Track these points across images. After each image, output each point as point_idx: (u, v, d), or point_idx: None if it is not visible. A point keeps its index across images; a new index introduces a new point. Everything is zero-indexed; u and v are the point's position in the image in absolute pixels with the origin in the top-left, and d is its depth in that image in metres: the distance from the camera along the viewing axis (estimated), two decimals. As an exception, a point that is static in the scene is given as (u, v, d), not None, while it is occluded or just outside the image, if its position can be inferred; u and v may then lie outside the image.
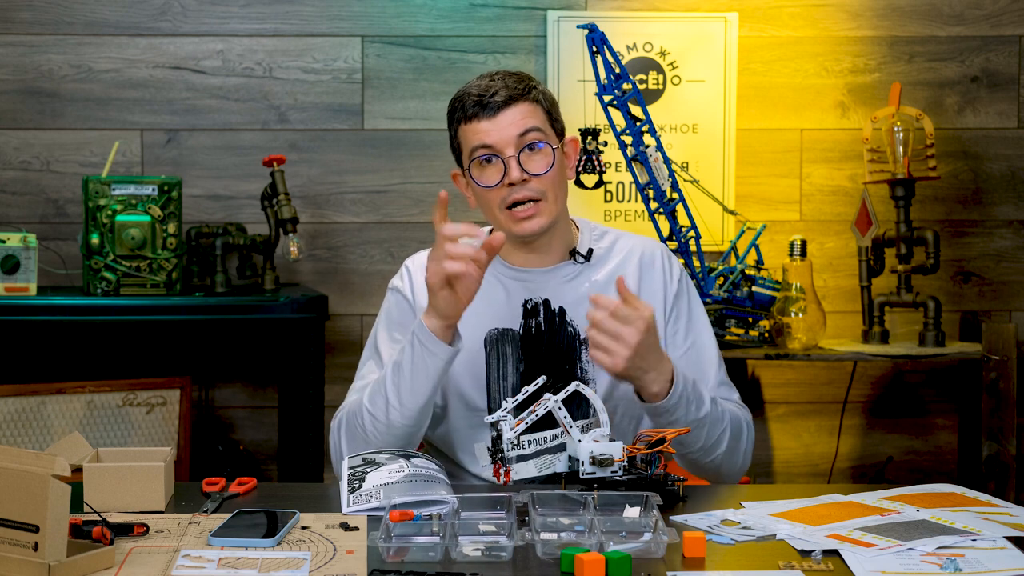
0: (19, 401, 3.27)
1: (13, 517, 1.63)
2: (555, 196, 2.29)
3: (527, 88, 2.29)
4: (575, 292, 2.35)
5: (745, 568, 1.73)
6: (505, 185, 2.26)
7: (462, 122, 2.29)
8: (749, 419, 2.39)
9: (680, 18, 3.69)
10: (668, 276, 2.39)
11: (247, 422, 3.73)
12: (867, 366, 3.77)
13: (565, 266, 2.37)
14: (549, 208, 2.28)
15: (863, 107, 3.74)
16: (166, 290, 3.32)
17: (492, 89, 2.27)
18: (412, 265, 2.42)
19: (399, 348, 2.24)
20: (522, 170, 2.25)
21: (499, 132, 2.25)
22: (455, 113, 2.31)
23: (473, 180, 2.29)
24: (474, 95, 2.27)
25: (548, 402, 2.04)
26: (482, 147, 2.26)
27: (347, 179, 3.70)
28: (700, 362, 2.38)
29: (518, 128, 2.26)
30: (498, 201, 2.28)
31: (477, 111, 2.26)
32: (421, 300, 2.34)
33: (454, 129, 2.32)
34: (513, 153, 2.25)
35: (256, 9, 3.67)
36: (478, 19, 3.70)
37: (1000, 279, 3.81)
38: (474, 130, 2.27)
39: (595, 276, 2.37)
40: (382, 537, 1.74)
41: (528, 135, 2.26)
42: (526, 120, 2.26)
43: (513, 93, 2.27)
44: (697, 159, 3.70)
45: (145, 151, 3.66)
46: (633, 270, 2.38)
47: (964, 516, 1.93)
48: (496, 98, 2.26)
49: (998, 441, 3.48)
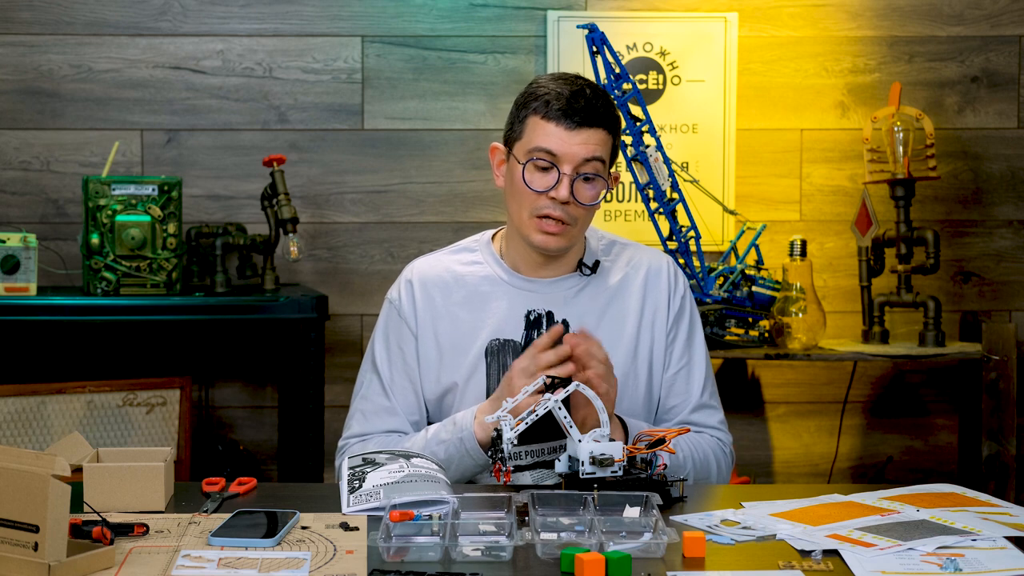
0: (19, 401, 3.27)
1: (13, 517, 1.63)
2: (582, 225, 2.30)
3: (610, 115, 2.28)
4: (579, 306, 2.35)
5: (745, 568, 1.73)
6: (547, 196, 2.25)
7: (538, 115, 2.26)
8: (724, 446, 2.40)
9: (680, 18, 3.69)
10: (672, 293, 2.40)
11: (247, 422, 3.73)
12: (867, 366, 3.76)
13: (571, 278, 2.37)
14: (573, 234, 2.30)
15: (863, 107, 3.74)
16: (166, 290, 3.32)
17: (581, 100, 2.24)
18: (412, 277, 2.40)
19: (441, 441, 2.23)
20: (570, 193, 2.25)
21: (569, 147, 2.24)
22: (535, 101, 2.27)
23: (523, 176, 2.27)
24: (564, 97, 2.25)
25: (548, 402, 2.04)
26: (547, 152, 2.25)
27: (347, 179, 3.70)
28: (689, 382, 2.39)
29: (587, 152, 2.25)
30: (532, 206, 2.27)
31: (558, 116, 2.24)
32: (422, 316, 2.35)
33: (524, 114, 2.28)
34: (570, 172, 2.24)
35: (256, 9, 3.67)
36: (478, 19, 3.70)
37: (1000, 279, 3.81)
38: (545, 131, 2.25)
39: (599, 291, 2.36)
40: (382, 537, 1.74)
41: (591, 163, 2.25)
42: (597, 147, 2.26)
43: (597, 115, 2.25)
44: (697, 159, 3.70)
45: (145, 151, 3.66)
46: (639, 284, 2.39)
47: (964, 516, 1.93)
48: (582, 113, 2.24)
49: (998, 441, 3.48)
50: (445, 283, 2.37)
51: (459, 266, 2.39)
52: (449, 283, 2.37)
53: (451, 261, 2.41)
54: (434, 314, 2.35)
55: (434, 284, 2.37)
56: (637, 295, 2.37)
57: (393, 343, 2.38)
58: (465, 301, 2.36)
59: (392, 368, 2.36)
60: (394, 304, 2.39)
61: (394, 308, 2.39)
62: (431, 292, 2.37)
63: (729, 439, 2.41)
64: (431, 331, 2.35)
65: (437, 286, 2.37)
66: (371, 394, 2.37)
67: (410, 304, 2.37)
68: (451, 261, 2.41)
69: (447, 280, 2.38)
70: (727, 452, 2.39)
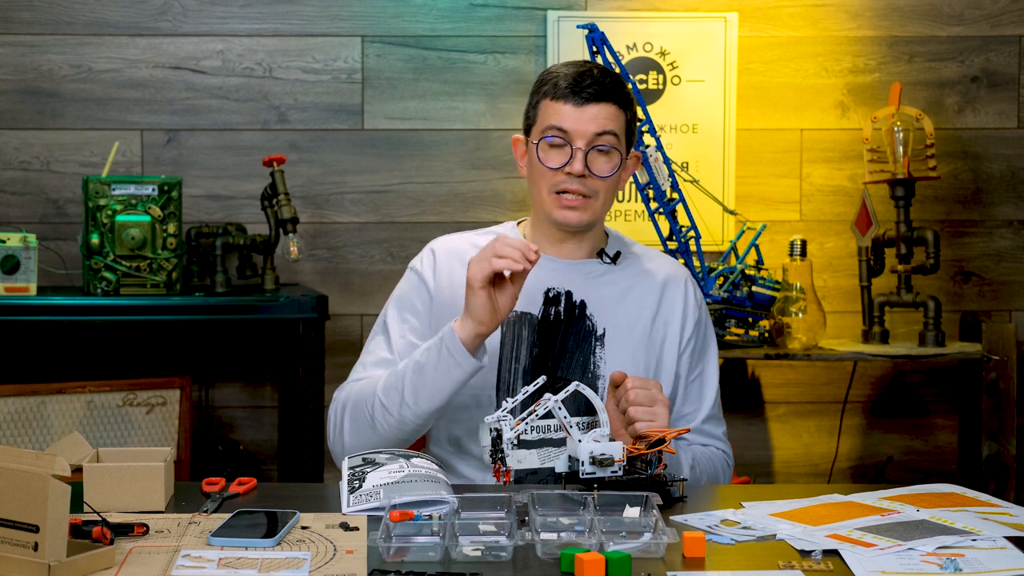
0: (19, 401, 3.27)
1: (13, 517, 1.63)
2: (603, 199, 2.34)
3: (620, 91, 2.33)
4: (597, 290, 2.38)
5: (745, 568, 1.73)
6: (563, 172, 2.30)
7: (548, 97, 2.32)
8: (729, 458, 2.45)
9: (680, 18, 3.69)
10: (690, 303, 2.44)
11: (247, 422, 3.73)
12: (867, 366, 3.77)
13: (592, 263, 2.41)
14: (595, 208, 2.34)
15: (863, 107, 3.74)
16: (166, 290, 3.32)
17: (588, 79, 2.30)
18: (436, 247, 2.45)
19: (423, 348, 2.26)
20: (585, 166, 2.29)
21: (579, 123, 2.29)
22: (544, 86, 2.34)
23: (537, 155, 2.33)
24: (571, 76, 2.31)
25: (548, 402, 2.04)
26: (558, 130, 2.30)
27: (347, 179, 3.70)
28: (701, 393, 2.44)
29: (598, 126, 2.30)
30: (550, 183, 2.32)
31: (567, 94, 2.30)
32: (442, 283, 2.39)
33: (536, 99, 2.35)
34: (583, 147, 2.30)
35: (256, 9, 3.67)
36: (478, 19, 3.70)
37: (1000, 279, 3.81)
38: (556, 110, 2.31)
39: (618, 278, 2.40)
40: (382, 537, 1.74)
41: (603, 136, 2.31)
42: (608, 121, 2.31)
43: (606, 91, 2.31)
44: (697, 159, 3.69)
45: (145, 151, 3.66)
46: (658, 282, 2.42)
47: (964, 516, 1.93)
48: (589, 89, 2.30)
49: (998, 441, 3.48)
50: (466, 255, 2.41)
51: (482, 240, 2.43)
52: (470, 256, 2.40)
53: (474, 237, 2.47)
54: (454, 282, 2.38)
55: (457, 256, 2.42)
56: (655, 291, 2.41)
57: (407, 305, 2.41)
58: None
59: (402, 327, 2.40)
60: (415, 270, 2.44)
61: (415, 273, 2.44)
62: (453, 262, 2.41)
63: (730, 450, 2.47)
64: (449, 297, 2.38)
65: (460, 258, 2.41)
66: (375, 348, 2.41)
67: (431, 270, 2.42)
68: (474, 237, 2.47)
69: (469, 253, 2.41)
70: (730, 464, 2.45)
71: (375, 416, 2.27)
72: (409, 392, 2.23)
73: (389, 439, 2.28)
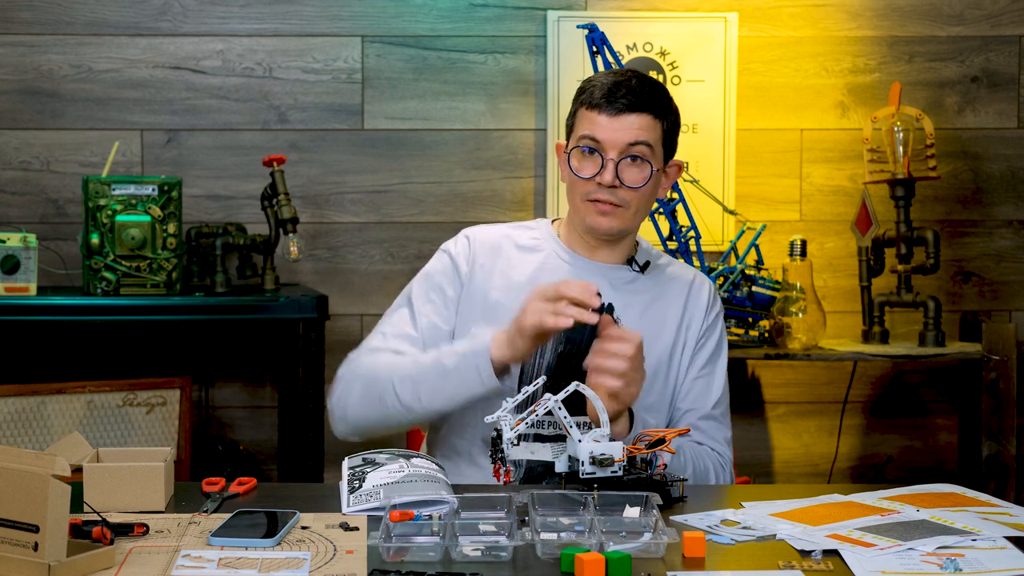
0: (19, 401, 3.27)
1: (13, 517, 1.63)
2: (636, 210, 2.35)
3: (657, 102, 2.33)
4: (625, 296, 2.38)
5: (745, 568, 1.73)
6: (595, 181, 2.30)
7: (584, 106, 2.33)
8: (725, 463, 2.42)
9: (680, 18, 3.69)
10: (709, 308, 2.45)
11: (247, 422, 3.73)
12: (867, 366, 3.77)
13: (622, 269, 2.42)
14: (627, 217, 2.34)
15: (863, 107, 3.74)
16: (166, 290, 3.32)
17: (624, 89, 2.30)
18: (471, 235, 2.45)
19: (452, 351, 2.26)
20: (616, 176, 2.30)
21: (611, 133, 2.30)
22: (582, 94, 2.35)
23: (569, 164, 2.34)
24: (607, 86, 2.31)
25: (548, 402, 2.04)
26: (591, 139, 2.31)
27: (347, 179, 3.70)
28: (708, 390, 2.43)
29: (630, 137, 2.30)
30: (582, 191, 2.33)
31: (601, 104, 2.30)
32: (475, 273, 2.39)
33: (575, 107, 2.37)
34: (615, 157, 2.30)
35: (256, 9, 3.67)
36: (478, 19, 3.70)
37: (1000, 279, 3.81)
38: (590, 119, 2.31)
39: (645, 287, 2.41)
40: (382, 537, 1.74)
41: (636, 147, 2.31)
42: (641, 132, 2.30)
43: (641, 101, 2.30)
44: (697, 159, 3.70)
45: (145, 151, 3.66)
46: (680, 293, 2.44)
47: (964, 516, 1.93)
48: (623, 100, 2.30)
49: (998, 441, 3.48)
50: (501, 247, 2.43)
51: (516, 234, 2.46)
52: (505, 247, 2.44)
53: (509, 230, 2.48)
54: (486, 270, 2.40)
55: (491, 245, 2.43)
56: (679, 301, 2.42)
57: (434, 286, 2.42)
58: (517, 265, 2.41)
59: (427, 305, 2.40)
60: (448, 252, 2.44)
61: (447, 255, 2.44)
62: (487, 251, 2.42)
63: (731, 458, 2.45)
64: (480, 285, 2.39)
65: (494, 248, 2.42)
66: (398, 320, 2.41)
67: (465, 257, 2.42)
68: (509, 230, 2.48)
69: (504, 245, 2.44)
70: (727, 470, 2.42)
71: (385, 399, 2.28)
72: (425, 390, 2.25)
73: (391, 420, 2.30)
